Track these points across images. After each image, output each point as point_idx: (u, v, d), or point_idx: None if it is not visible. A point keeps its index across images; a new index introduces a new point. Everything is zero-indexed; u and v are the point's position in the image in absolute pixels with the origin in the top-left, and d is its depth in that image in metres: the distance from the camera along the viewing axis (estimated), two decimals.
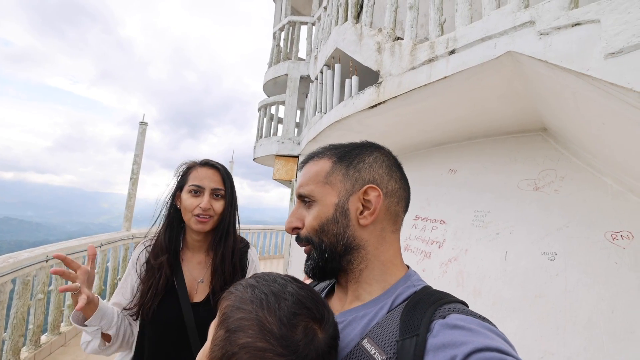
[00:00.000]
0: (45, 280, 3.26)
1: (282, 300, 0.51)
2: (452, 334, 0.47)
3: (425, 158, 2.80)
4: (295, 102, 5.44)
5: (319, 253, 0.62)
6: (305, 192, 0.65)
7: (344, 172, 0.64)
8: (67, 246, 3.59)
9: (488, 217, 1.92)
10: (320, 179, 0.64)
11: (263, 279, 0.56)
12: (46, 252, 3.23)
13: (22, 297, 2.97)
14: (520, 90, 1.77)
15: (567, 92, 1.42)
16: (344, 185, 0.63)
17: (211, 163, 1.21)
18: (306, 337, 0.49)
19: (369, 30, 2.72)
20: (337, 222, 0.61)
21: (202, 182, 1.15)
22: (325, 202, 0.63)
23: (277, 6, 6.38)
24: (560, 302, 1.40)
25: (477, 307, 1.65)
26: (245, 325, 0.48)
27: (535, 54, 1.37)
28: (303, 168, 0.70)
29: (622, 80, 1.05)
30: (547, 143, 2.00)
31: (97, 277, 4.21)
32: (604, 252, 1.40)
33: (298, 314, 0.50)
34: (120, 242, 4.79)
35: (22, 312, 2.94)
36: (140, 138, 5.77)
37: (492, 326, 0.50)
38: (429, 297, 0.55)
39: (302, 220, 0.65)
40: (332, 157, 0.66)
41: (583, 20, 1.23)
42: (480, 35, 1.64)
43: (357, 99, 2.61)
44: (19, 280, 2.93)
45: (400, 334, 0.51)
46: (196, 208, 1.13)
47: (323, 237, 0.62)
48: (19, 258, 2.87)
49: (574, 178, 1.73)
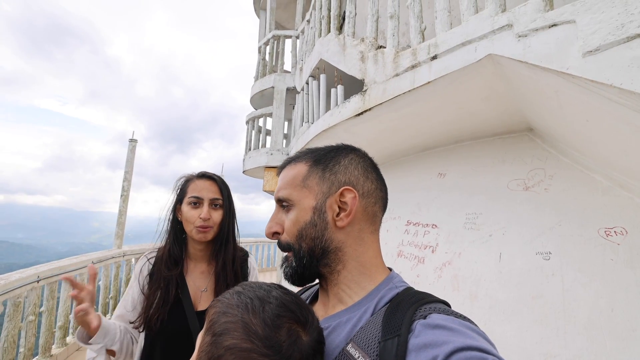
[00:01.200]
0: (37, 302, 3.21)
1: (266, 303, 0.52)
2: (434, 334, 0.47)
3: (414, 163, 2.80)
4: (283, 113, 5.45)
5: (297, 259, 0.62)
6: (283, 195, 0.65)
7: (320, 175, 0.64)
8: (58, 266, 3.53)
9: (480, 219, 1.91)
10: (298, 183, 0.65)
11: (249, 286, 0.57)
12: (37, 272, 3.19)
13: (13, 320, 2.89)
14: (504, 92, 1.79)
15: (550, 91, 1.44)
16: (320, 188, 0.63)
17: (208, 174, 1.26)
18: (290, 338, 0.50)
19: (352, 40, 2.75)
20: (315, 226, 0.62)
21: (201, 193, 1.20)
22: (303, 206, 0.63)
23: (262, 21, 6.46)
24: (558, 303, 1.38)
25: (474, 311, 1.61)
26: (230, 327, 0.50)
27: (515, 56, 1.39)
28: (281, 173, 0.70)
29: (602, 76, 1.07)
30: (534, 143, 2.02)
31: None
32: (598, 249, 1.40)
33: (282, 316, 0.51)
34: (111, 260, 4.72)
35: (12, 335, 2.87)
36: (130, 155, 5.72)
37: (473, 325, 0.50)
38: (411, 298, 0.55)
39: (282, 225, 0.65)
40: (309, 161, 0.66)
41: (559, 21, 1.25)
42: (460, 40, 1.67)
43: (343, 107, 2.61)
44: (10, 302, 2.86)
45: (382, 335, 0.51)
46: (197, 219, 1.18)
47: (302, 243, 0.62)
48: (9, 279, 2.82)
49: (563, 176, 1.74)
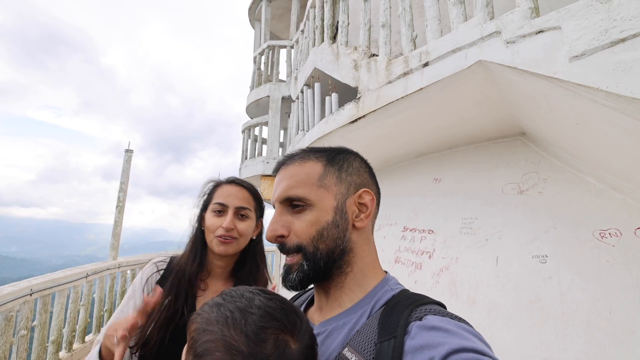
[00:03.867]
0: (29, 316, 3.13)
1: (248, 315, 0.48)
2: (429, 336, 0.47)
3: (409, 169, 2.81)
4: (278, 122, 5.48)
5: (312, 262, 0.59)
6: (298, 194, 0.60)
7: (337, 175, 0.63)
8: (52, 278, 3.49)
9: (476, 224, 1.91)
10: (314, 182, 0.62)
11: (230, 295, 0.53)
12: (30, 285, 3.13)
13: (5, 335, 2.82)
14: (495, 97, 1.82)
15: (539, 96, 1.47)
16: (339, 189, 0.62)
17: (237, 181, 1.12)
18: (277, 350, 0.47)
19: (345, 49, 2.79)
20: (338, 226, 0.60)
21: (226, 199, 1.07)
22: (323, 206, 0.60)
23: (257, 32, 6.54)
24: (556, 306, 1.38)
25: (473, 316, 1.60)
26: (211, 347, 0.46)
27: (504, 62, 1.42)
28: (283, 170, 0.65)
29: (588, 80, 1.09)
30: (527, 147, 2.04)
31: (83, 309, 4.08)
32: (594, 251, 1.40)
33: (266, 327, 0.48)
34: (106, 272, 4.65)
35: (4, 351, 2.80)
36: (126, 165, 5.72)
37: (468, 327, 0.50)
38: (406, 300, 0.55)
39: (288, 228, 0.61)
40: (321, 160, 0.64)
41: (545, 27, 1.28)
42: (451, 47, 1.70)
43: (337, 115, 2.63)
44: (2, 316, 2.81)
45: (378, 337, 0.51)
46: (218, 228, 1.04)
47: (320, 245, 0.59)
48: (1, 293, 2.76)
49: (557, 179, 1.75)
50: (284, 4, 6.31)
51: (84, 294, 4.14)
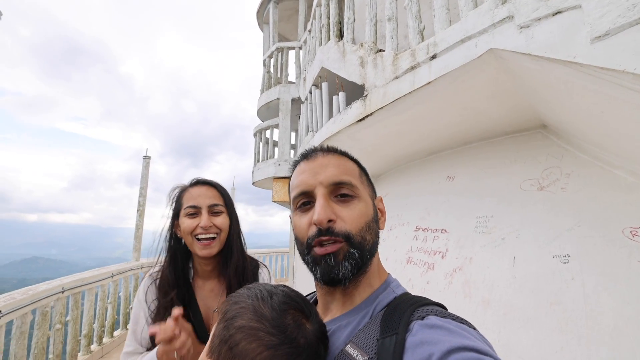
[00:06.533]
0: (62, 311, 3.42)
1: (274, 294, 0.57)
2: (430, 333, 0.47)
3: (420, 167, 2.72)
4: (289, 124, 5.46)
5: (362, 252, 0.58)
6: (352, 181, 0.62)
7: (366, 178, 0.68)
8: (81, 277, 3.79)
9: (491, 223, 1.80)
10: (357, 177, 0.65)
11: (257, 283, 0.63)
12: (62, 283, 3.42)
13: (42, 328, 3.08)
14: (510, 88, 1.71)
15: (559, 84, 1.36)
16: (369, 190, 0.67)
17: (202, 180, 1.14)
18: (295, 323, 0.54)
19: (351, 46, 2.73)
20: (376, 222, 0.64)
21: (197, 201, 1.08)
22: (367, 201, 0.63)
23: (265, 34, 6.56)
24: (579, 309, 1.26)
25: (487, 318, 1.50)
26: (242, 312, 0.54)
27: (517, 48, 1.32)
28: (323, 157, 0.65)
29: (613, 63, 0.99)
30: (548, 140, 1.92)
31: (110, 306, 4.38)
32: (623, 250, 1.28)
33: (287, 303, 0.56)
34: (130, 272, 4.89)
35: (42, 342, 3.06)
36: (145, 171, 5.92)
37: (470, 328, 0.50)
38: (408, 300, 0.57)
39: (336, 214, 0.59)
40: (353, 161, 0.68)
41: (564, 7, 1.18)
42: (460, 37, 1.61)
43: (345, 114, 2.57)
44: (39, 311, 3.07)
45: (381, 333, 0.52)
46: (196, 228, 1.05)
47: (367, 236, 0.60)
48: (37, 290, 3.04)
49: (581, 174, 1.63)
50: (292, 5, 6.30)
51: (110, 292, 4.44)
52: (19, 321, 2.73)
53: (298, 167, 0.67)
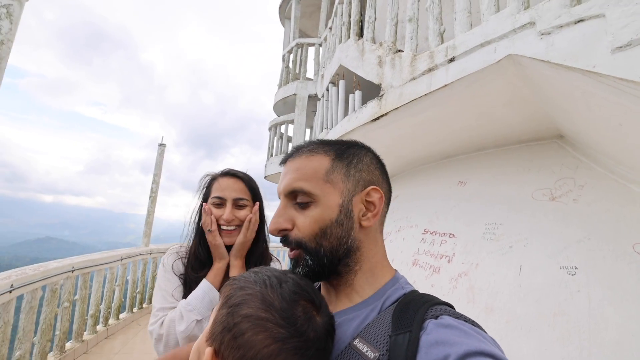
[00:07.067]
0: (71, 290, 3.50)
1: (283, 282, 0.53)
2: (446, 333, 0.46)
3: (433, 171, 2.70)
4: (304, 120, 5.49)
5: (316, 259, 0.58)
6: (303, 188, 0.59)
7: (345, 171, 0.61)
8: (91, 258, 3.86)
9: (500, 230, 1.79)
10: (320, 177, 0.59)
11: (264, 268, 0.59)
12: (72, 263, 3.49)
13: (51, 304, 3.17)
14: (527, 95, 1.69)
15: (577, 93, 1.34)
16: (346, 185, 0.60)
17: (232, 172, 1.17)
18: (305, 315, 0.51)
19: (370, 45, 2.73)
20: (342, 225, 0.58)
21: (224, 192, 1.12)
22: (327, 203, 0.58)
23: (286, 30, 6.60)
24: (583, 321, 1.25)
25: (489, 325, 1.50)
26: (248, 299, 0.50)
27: (537, 55, 1.31)
28: (289, 162, 0.64)
29: (633, 74, 0.97)
30: (563, 150, 1.88)
31: (118, 289, 4.46)
32: (632, 266, 1.26)
33: (298, 293, 0.53)
34: (139, 257, 5.01)
35: (50, 319, 3.14)
36: (159, 159, 6.04)
37: (482, 331, 0.49)
38: (420, 298, 0.55)
39: (292, 222, 0.60)
40: (329, 154, 0.62)
41: (586, 16, 1.17)
42: (479, 41, 1.60)
43: (360, 112, 2.58)
44: (48, 288, 3.14)
45: (393, 329, 0.50)
46: (220, 218, 1.10)
47: (323, 242, 0.58)
48: (48, 267, 3.09)
49: (595, 186, 1.60)
50: (314, 2, 6.31)
51: (118, 275, 4.52)
52: (29, 296, 2.79)
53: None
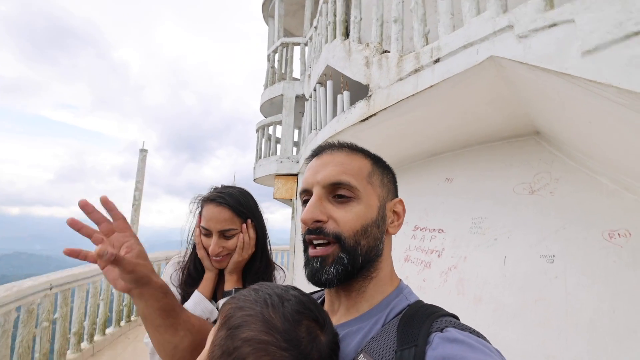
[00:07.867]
0: (50, 309, 3.25)
1: (285, 300, 0.51)
2: (452, 348, 0.46)
3: (421, 169, 2.79)
4: (292, 121, 5.49)
5: (352, 258, 0.56)
6: (350, 182, 0.58)
7: (381, 178, 0.63)
8: (71, 274, 3.59)
9: (486, 224, 1.89)
10: (364, 176, 0.60)
11: (265, 285, 0.56)
12: (50, 280, 3.23)
13: (27, 325, 2.96)
14: (507, 95, 1.78)
15: (552, 93, 1.43)
16: (381, 191, 0.62)
17: (218, 199, 1.07)
18: (309, 335, 0.49)
19: (357, 45, 2.79)
20: (378, 227, 0.59)
21: (209, 224, 1.06)
22: (369, 202, 0.59)
23: (270, 29, 6.58)
24: (561, 305, 1.35)
25: (478, 314, 1.59)
26: (249, 320, 0.48)
27: (515, 57, 1.39)
28: (328, 155, 0.63)
29: (600, 76, 1.05)
30: (540, 146, 1.99)
31: (103, 303, 4.20)
32: (602, 251, 1.36)
33: (301, 312, 0.50)
34: None
35: (27, 341, 2.93)
36: (141, 165, 5.88)
37: (487, 342, 0.49)
38: (425, 310, 0.55)
39: (327, 215, 0.58)
40: (368, 158, 0.64)
41: (559, 20, 1.25)
42: (462, 43, 1.67)
43: (349, 113, 2.64)
44: (24, 308, 2.92)
45: (398, 344, 0.49)
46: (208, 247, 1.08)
47: (362, 240, 0.57)
48: (22, 287, 2.88)
49: (569, 179, 1.71)
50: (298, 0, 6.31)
51: (103, 289, 4.25)
52: (1, 319, 2.58)
53: (309, 163, 0.66)
